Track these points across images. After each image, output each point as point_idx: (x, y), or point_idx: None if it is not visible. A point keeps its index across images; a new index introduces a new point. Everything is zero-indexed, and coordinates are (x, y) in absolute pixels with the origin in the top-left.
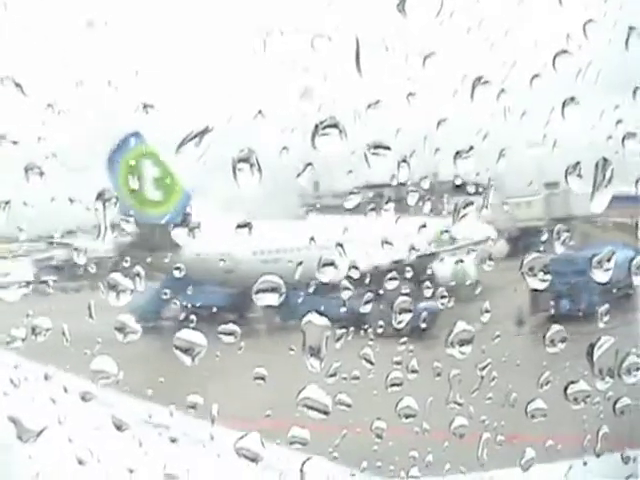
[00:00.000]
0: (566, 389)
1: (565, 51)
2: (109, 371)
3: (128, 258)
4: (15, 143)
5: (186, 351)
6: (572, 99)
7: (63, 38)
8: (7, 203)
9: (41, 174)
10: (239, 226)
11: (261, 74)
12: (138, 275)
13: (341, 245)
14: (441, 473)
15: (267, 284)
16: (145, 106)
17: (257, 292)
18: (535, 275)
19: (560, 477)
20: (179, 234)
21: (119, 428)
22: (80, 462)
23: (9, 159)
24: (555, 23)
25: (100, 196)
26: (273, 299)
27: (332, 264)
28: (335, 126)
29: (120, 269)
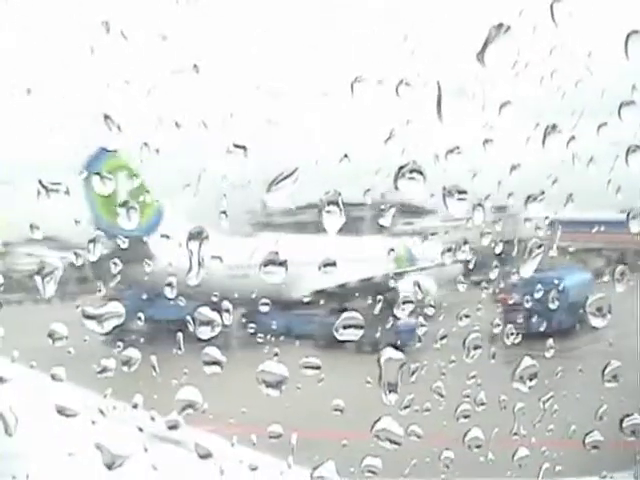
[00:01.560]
0: None
1: (631, 102)
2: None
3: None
4: (110, 180)
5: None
6: (637, 147)
7: (161, 80)
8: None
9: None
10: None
11: (348, 119)
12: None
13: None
14: None
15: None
16: (237, 147)
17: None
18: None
19: None
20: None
21: (202, 457)
22: None
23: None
24: (621, 75)
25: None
26: None
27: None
28: (417, 170)
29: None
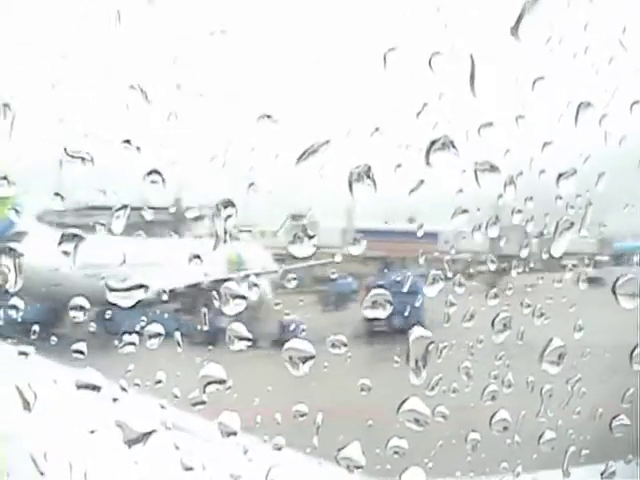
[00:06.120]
0: None
1: None
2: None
3: None
4: (138, 149)
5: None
6: None
7: (187, 47)
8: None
9: (163, 181)
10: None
11: (380, 91)
12: None
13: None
14: None
15: None
16: (267, 116)
17: None
18: None
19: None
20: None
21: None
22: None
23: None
24: None
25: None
26: None
27: None
28: (450, 144)
29: None
